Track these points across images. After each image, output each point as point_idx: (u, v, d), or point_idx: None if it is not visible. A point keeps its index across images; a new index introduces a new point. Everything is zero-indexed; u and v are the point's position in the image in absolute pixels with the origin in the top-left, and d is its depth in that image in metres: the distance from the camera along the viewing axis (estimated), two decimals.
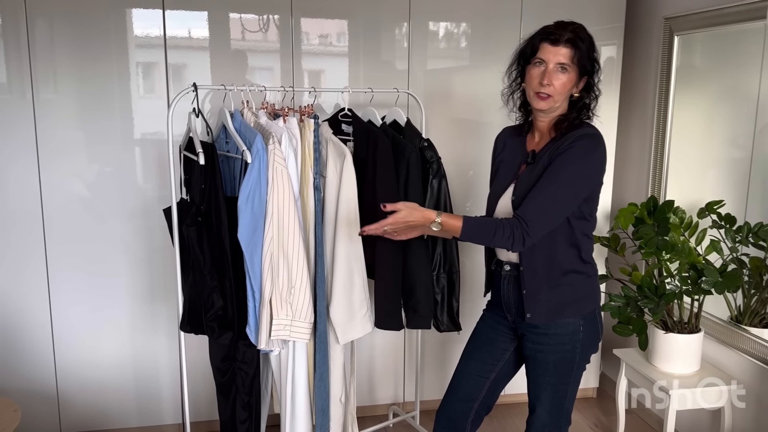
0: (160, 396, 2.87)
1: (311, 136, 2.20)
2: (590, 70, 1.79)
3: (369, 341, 2.96)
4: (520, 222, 1.74)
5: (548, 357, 1.87)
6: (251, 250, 2.04)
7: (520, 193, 1.82)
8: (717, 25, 2.55)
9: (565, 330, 1.84)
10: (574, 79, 1.77)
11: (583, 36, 1.76)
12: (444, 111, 2.89)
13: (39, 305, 2.67)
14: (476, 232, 1.78)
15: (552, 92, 1.76)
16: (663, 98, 2.86)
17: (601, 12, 2.93)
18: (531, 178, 1.80)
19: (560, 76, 1.75)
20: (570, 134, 1.78)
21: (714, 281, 2.35)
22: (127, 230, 2.71)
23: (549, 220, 1.75)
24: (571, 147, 1.74)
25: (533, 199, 1.75)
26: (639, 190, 3.06)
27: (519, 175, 1.86)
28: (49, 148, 2.58)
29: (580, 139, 1.75)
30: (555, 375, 1.87)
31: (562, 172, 1.74)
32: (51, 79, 2.56)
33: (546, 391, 1.89)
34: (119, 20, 2.57)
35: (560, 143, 1.77)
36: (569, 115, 1.81)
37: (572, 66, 1.75)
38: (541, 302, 1.83)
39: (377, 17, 2.78)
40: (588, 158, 1.76)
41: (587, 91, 1.82)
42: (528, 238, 1.73)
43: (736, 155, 2.66)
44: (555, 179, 1.74)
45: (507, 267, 1.90)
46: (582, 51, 1.75)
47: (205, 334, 2.16)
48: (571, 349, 1.86)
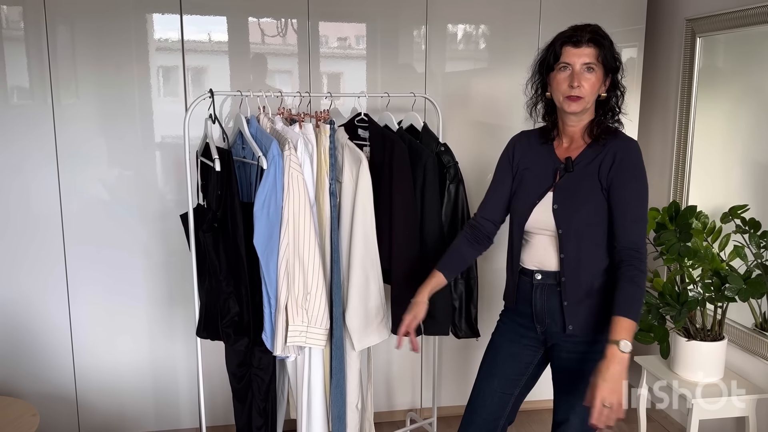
0: (178, 400, 2.88)
1: (327, 142, 2.19)
2: (614, 67, 1.78)
3: (386, 347, 2.95)
4: (634, 253, 1.73)
5: (586, 366, 1.80)
6: (267, 256, 2.04)
7: (563, 201, 1.79)
8: (739, 26, 2.50)
9: (603, 337, 1.77)
10: (601, 77, 1.76)
11: (603, 34, 1.76)
12: (462, 114, 2.87)
13: (58, 309, 2.70)
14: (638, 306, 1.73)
15: (583, 93, 1.74)
16: (685, 101, 2.81)
17: (622, 14, 2.89)
18: (574, 187, 1.78)
19: (588, 76, 1.74)
20: (612, 143, 1.77)
21: (738, 288, 2.30)
22: (145, 234, 2.72)
23: (644, 231, 1.78)
24: (630, 162, 1.75)
25: (632, 225, 1.74)
26: (661, 194, 3.00)
27: (557, 183, 1.82)
28: (70, 152, 2.61)
29: (628, 150, 1.77)
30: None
31: (637, 190, 1.75)
32: (72, 84, 2.58)
33: (581, 400, 1.84)
34: (140, 25, 2.59)
35: (606, 153, 1.77)
36: (601, 119, 1.81)
37: (598, 65, 1.74)
38: (582, 313, 1.79)
39: (395, 20, 2.77)
40: (641, 165, 1.78)
41: (613, 90, 1.81)
42: (646, 262, 1.76)
43: (760, 158, 2.60)
44: (638, 199, 1.75)
45: (539, 276, 1.84)
46: (605, 48, 1.74)
47: (221, 340, 2.16)
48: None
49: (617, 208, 1.75)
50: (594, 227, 1.77)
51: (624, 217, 1.74)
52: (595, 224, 1.76)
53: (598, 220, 1.76)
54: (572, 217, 1.77)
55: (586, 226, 1.76)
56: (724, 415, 2.43)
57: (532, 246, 1.86)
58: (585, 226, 1.76)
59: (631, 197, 1.75)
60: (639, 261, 1.72)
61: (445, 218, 2.37)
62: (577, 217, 1.76)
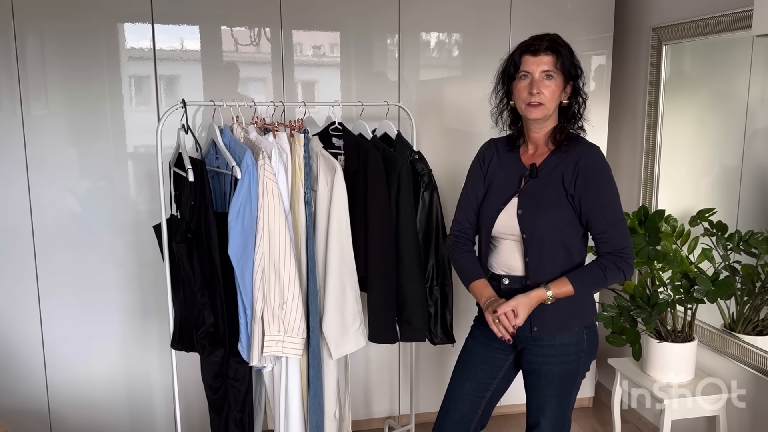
0: (153, 413, 2.84)
1: (301, 151, 2.19)
2: (574, 74, 1.82)
3: (364, 355, 2.95)
4: (618, 255, 1.78)
5: (554, 369, 1.85)
6: (242, 266, 2.03)
7: (527, 207, 1.82)
8: (704, 34, 2.56)
9: (570, 340, 1.84)
10: (561, 84, 1.80)
11: (561, 42, 1.81)
12: (436, 122, 2.89)
13: (30, 323, 2.65)
14: (589, 284, 1.82)
15: (543, 100, 1.78)
16: (653, 107, 2.87)
17: (590, 22, 2.95)
18: (538, 192, 1.82)
19: (547, 83, 1.78)
20: (573, 150, 1.81)
21: (706, 290, 2.35)
22: (118, 246, 2.69)
23: (627, 232, 1.82)
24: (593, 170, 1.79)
25: (609, 232, 1.78)
26: (630, 198, 3.06)
27: (521, 189, 1.86)
28: (40, 163, 2.57)
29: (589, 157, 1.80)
30: (560, 386, 1.87)
31: (607, 196, 1.80)
32: (42, 94, 2.55)
33: (550, 403, 1.88)
34: (111, 34, 2.57)
35: (568, 160, 1.80)
36: (563, 126, 1.84)
37: (557, 72, 1.78)
38: (548, 315, 1.82)
39: (368, 28, 2.79)
40: (609, 170, 1.83)
41: (575, 97, 1.85)
42: (632, 260, 1.80)
43: (727, 162, 2.67)
44: (607, 205, 1.79)
45: (506, 280, 1.88)
46: (563, 56, 1.78)
47: (196, 351, 2.15)
48: (576, 359, 1.86)
49: (593, 217, 1.79)
50: (557, 231, 1.81)
51: (602, 225, 1.79)
52: (558, 229, 1.80)
53: (562, 225, 1.81)
54: (536, 222, 1.81)
55: (549, 231, 1.81)
56: (696, 414, 2.47)
57: (499, 251, 1.90)
58: (549, 230, 1.80)
59: (605, 204, 1.79)
60: (620, 260, 1.78)
61: (419, 225, 2.38)
62: (541, 222, 1.80)
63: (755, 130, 2.50)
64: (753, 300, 2.48)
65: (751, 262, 2.44)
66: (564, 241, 1.82)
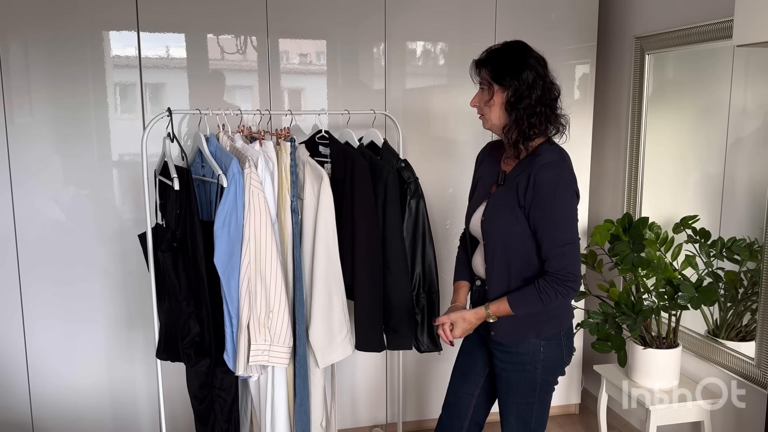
0: (139, 424, 2.81)
1: (288, 159, 2.19)
2: (510, 83, 1.76)
3: (350, 363, 2.94)
4: (556, 277, 1.75)
5: (511, 376, 1.88)
6: (228, 275, 2.02)
7: (488, 214, 1.85)
8: (686, 44, 2.60)
9: (525, 350, 1.84)
10: (501, 95, 1.78)
11: (495, 54, 1.80)
12: (422, 130, 2.90)
13: (13, 331, 2.62)
14: (525, 306, 1.80)
15: (478, 111, 1.85)
16: (636, 115, 2.90)
17: (574, 31, 2.98)
18: (499, 201, 1.83)
19: (479, 94, 1.84)
20: (530, 160, 1.78)
21: (690, 296, 2.37)
22: (103, 254, 2.67)
23: (575, 255, 1.76)
24: (541, 183, 1.73)
25: (551, 252, 1.74)
26: (615, 206, 3.09)
27: (490, 194, 1.89)
28: (24, 171, 2.55)
29: (542, 170, 1.74)
30: (517, 394, 1.88)
31: (554, 213, 1.75)
32: (26, 102, 2.53)
33: (510, 410, 1.90)
34: (96, 42, 2.56)
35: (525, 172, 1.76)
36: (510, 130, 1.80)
37: (486, 82, 1.81)
38: (503, 320, 1.84)
39: (354, 36, 2.79)
40: (561, 186, 1.76)
41: (518, 103, 1.77)
42: (573, 283, 1.75)
43: (710, 170, 2.70)
44: (554, 223, 1.74)
45: (478, 282, 1.96)
46: (489, 67, 1.79)
47: (181, 361, 2.13)
48: (532, 369, 1.85)
49: (539, 233, 1.76)
50: (511, 241, 1.80)
51: (546, 242, 1.75)
52: (513, 237, 1.79)
53: (515, 236, 1.79)
54: (493, 229, 1.84)
55: (502, 239, 1.82)
56: (681, 420, 2.50)
57: (476, 253, 1.96)
58: (501, 239, 1.82)
59: (552, 221, 1.75)
60: (558, 282, 1.75)
61: (406, 233, 2.39)
62: (496, 229, 1.83)
63: (737, 138, 2.54)
64: (736, 306, 2.50)
65: (734, 269, 2.47)
66: (519, 252, 1.80)
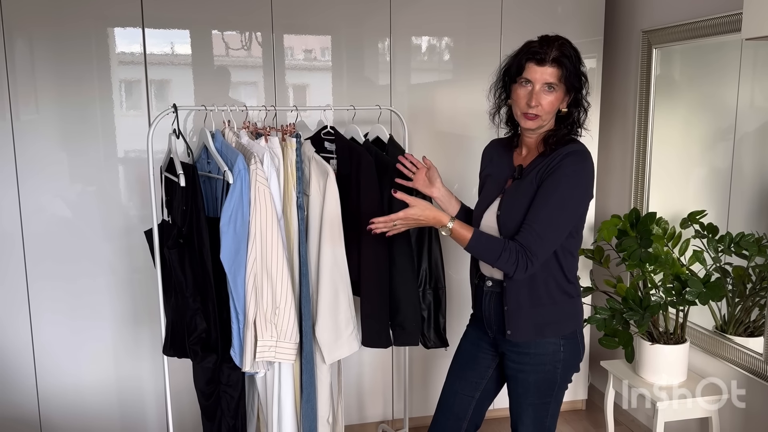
0: (145, 420, 2.82)
1: (293, 155, 2.18)
2: (577, 86, 1.76)
3: (357, 359, 2.94)
4: (523, 249, 1.71)
5: (529, 377, 1.85)
6: (234, 271, 2.02)
7: (505, 208, 1.81)
8: (693, 38, 2.58)
9: (545, 350, 1.82)
10: (561, 96, 1.76)
11: (568, 53, 1.73)
12: (427, 125, 2.89)
13: (20, 328, 2.63)
14: (483, 248, 1.75)
15: (540, 112, 1.74)
16: (643, 110, 2.89)
17: (581, 26, 2.96)
18: (518, 194, 1.79)
19: (547, 96, 1.73)
20: (557, 151, 1.75)
21: (698, 292, 2.36)
22: (109, 251, 2.67)
23: (550, 244, 1.73)
24: (559, 167, 1.72)
25: (530, 226, 1.71)
26: (622, 201, 3.07)
27: (505, 189, 1.85)
28: (30, 168, 2.55)
29: (567, 157, 1.73)
30: (536, 395, 1.86)
31: (554, 195, 1.72)
32: (32, 99, 2.53)
33: (527, 411, 1.87)
34: (101, 38, 2.56)
35: (548, 161, 1.75)
36: (558, 131, 1.79)
37: (559, 84, 1.73)
38: (522, 320, 1.82)
39: (359, 32, 2.78)
40: (576, 176, 1.74)
41: (575, 106, 1.80)
42: (531, 265, 1.71)
43: (717, 165, 2.68)
44: (548, 202, 1.72)
45: (489, 282, 1.88)
46: (568, 69, 1.72)
47: (188, 357, 2.13)
48: (552, 369, 1.84)
49: (532, 206, 1.73)
50: None
51: (532, 214, 1.72)
52: None
53: None
54: (512, 223, 1.78)
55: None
56: (689, 416, 2.48)
57: None
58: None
59: (548, 201, 1.72)
60: (522, 254, 1.70)
61: (412, 229, 2.38)
62: (514, 221, 1.77)
63: (745, 133, 2.52)
64: (744, 301, 2.49)
65: (741, 264, 2.45)
66: None
